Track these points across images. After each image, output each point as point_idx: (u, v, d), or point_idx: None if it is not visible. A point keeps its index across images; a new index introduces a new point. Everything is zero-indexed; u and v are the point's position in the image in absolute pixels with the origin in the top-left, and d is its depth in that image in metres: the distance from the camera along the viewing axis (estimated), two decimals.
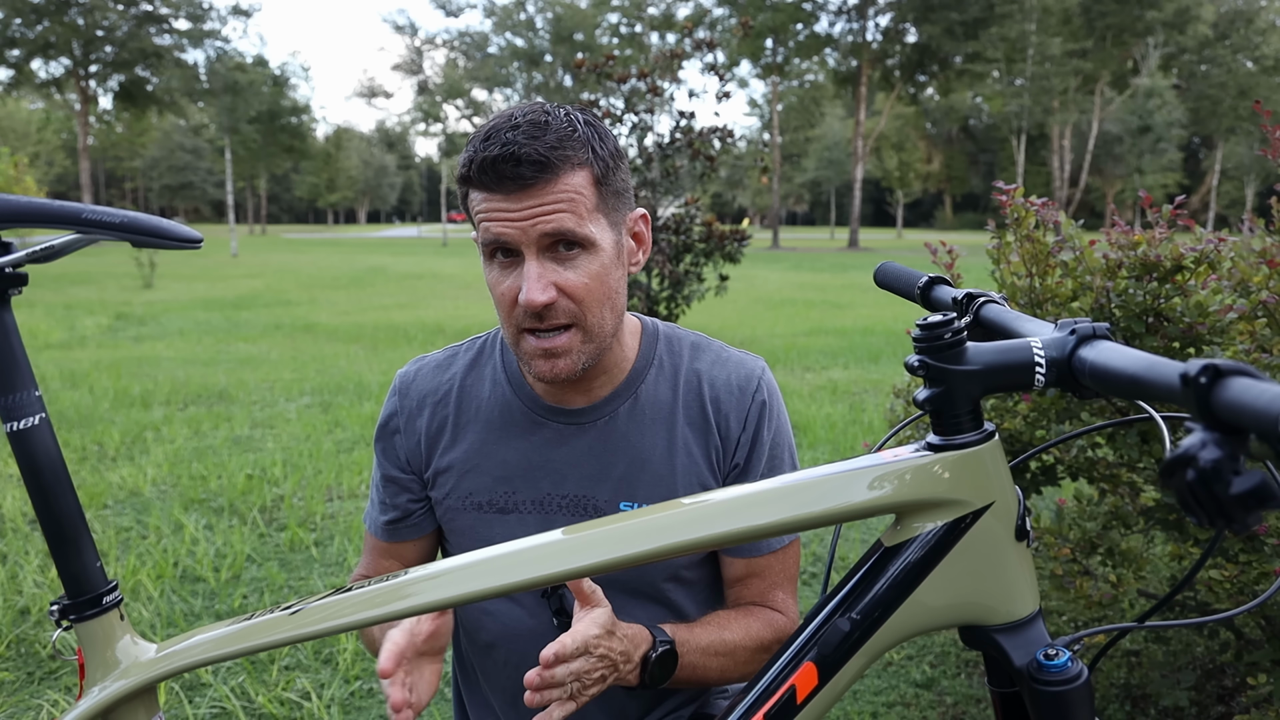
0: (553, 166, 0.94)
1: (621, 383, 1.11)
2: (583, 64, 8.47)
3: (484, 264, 1.01)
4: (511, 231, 0.95)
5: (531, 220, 0.94)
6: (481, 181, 0.95)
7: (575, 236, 0.96)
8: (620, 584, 1.12)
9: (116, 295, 13.45)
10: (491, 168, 0.93)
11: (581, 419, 1.10)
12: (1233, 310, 1.60)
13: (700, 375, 1.13)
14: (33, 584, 2.91)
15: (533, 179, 0.93)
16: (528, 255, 0.96)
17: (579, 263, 0.98)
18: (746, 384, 1.13)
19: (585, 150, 0.97)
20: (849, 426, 5.19)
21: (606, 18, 44.67)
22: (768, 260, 27.01)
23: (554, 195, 0.94)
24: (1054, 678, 0.69)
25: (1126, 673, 2.22)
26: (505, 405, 1.12)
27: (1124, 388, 0.59)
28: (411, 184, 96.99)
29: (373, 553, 1.21)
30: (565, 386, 1.09)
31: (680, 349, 1.15)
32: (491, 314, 11.20)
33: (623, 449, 1.10)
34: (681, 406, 1.12)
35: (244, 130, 42.34)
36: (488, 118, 1.04)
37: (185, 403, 5.83)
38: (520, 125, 0.95)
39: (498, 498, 1.11)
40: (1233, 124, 46.35)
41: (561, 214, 0.95)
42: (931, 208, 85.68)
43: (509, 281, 0.98)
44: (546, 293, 0.95)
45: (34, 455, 0.83)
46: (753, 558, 1.13)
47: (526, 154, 0.93)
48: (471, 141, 0.97)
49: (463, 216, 12.54)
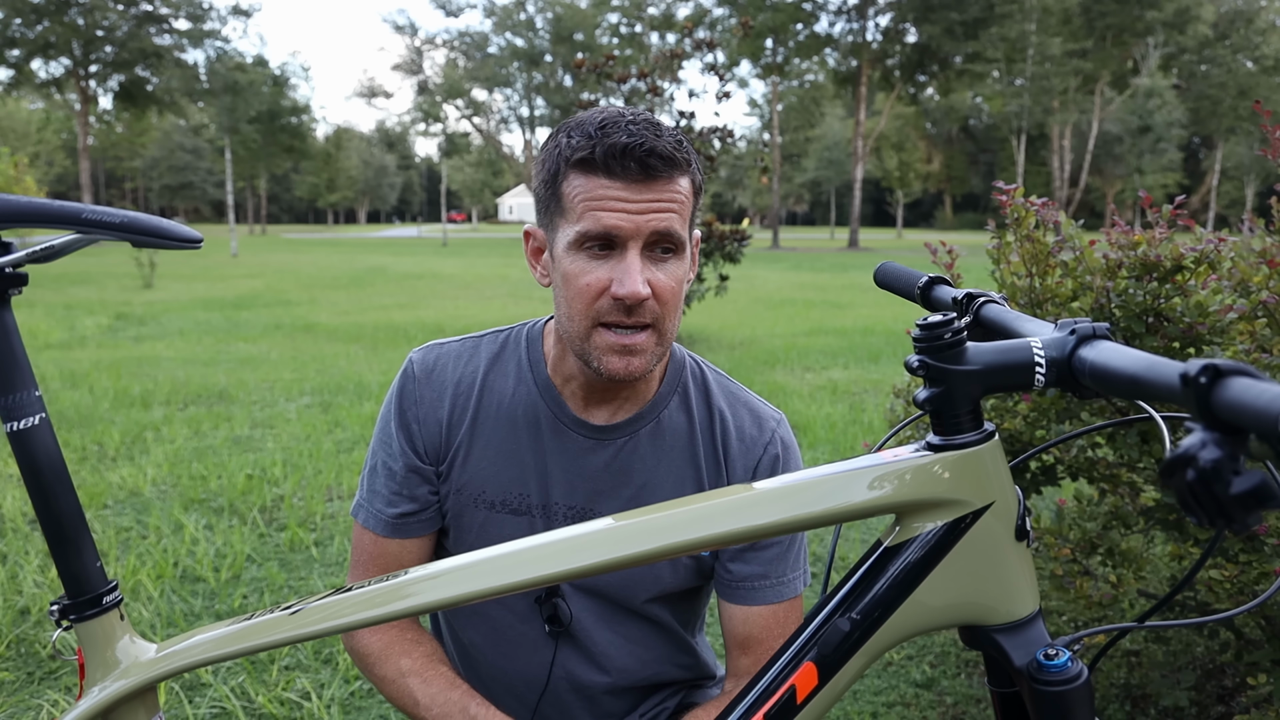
0: (677, 164, 0.95)
1: (646, 405, 1.10)
2: (583, 64, 8.47)
3: (564, 252, 0.98)
4: (625, 224, 0.93)
5: (646, 215, 0.94)
6: (607, 167, 0.93)
7: (676, 239, 0.96)
8: (608, 598, 1.13)
9: (116, 295, 13.45)
10: (622, 154, 0.92)
11: (603, 435, 1.09)
12: (1233, 310, 1.60)
13: (718, 415, 1.12)
14: (33, 584, 2.91)
15: (661, 172, 0.93)
16: (631, 248, 0.94)
17: (669, 266, 0.97)
18: (759, 435, 1.12)
19: (692, 159, 0.98)
20: (849, 426, 5.19)
21: (606, 18, 44.69)
22: (768, 260, 27.02)
23: (669, 194, 0.95)
24: (1054, 678, 0.69)
25: (1126, 673, 2.22)
26: (529, 407, 1.10)
27: (1124, 388, 0.59)
28: (411, 184, 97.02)
29: (366, 552, 1.13)
30: (595, 399, 1.08)
31: (704, 383, 1.14)
32: (492, 314, 11.23)
33: (638, 472, 1.10)
34: (700, 440, 1.11)
35: (244, 130, 42.39)
36: (487, 116, 1.04)
37: (185, 403, 5.83)
38: (638, 121, 0.95)
39: (511, 498, 1.10)
40: (1233, 124, 46.37)
41: (673, 214, 0.95)
42: (931, 208, 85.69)
43: (598, 272, 0.96)
44: (646, 287, 0.94)
45: (34, 455, 0.83)
46: (750, 606, 1.10)
47: (659, 147, 0.93)
48: (577, 128, 0.96)
49: (463, 216, 12.43)
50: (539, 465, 1.10)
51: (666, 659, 1.19)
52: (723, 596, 1.13)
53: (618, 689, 1.17)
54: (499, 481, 1.10)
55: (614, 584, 1.12)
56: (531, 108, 49.32)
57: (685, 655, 1.21)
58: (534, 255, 1.07)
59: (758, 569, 1.10)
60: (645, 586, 1.12)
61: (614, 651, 1.15)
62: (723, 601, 1.13)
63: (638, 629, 1.16)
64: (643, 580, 1.12)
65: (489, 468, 1.10)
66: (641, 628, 1.16)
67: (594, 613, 1.13)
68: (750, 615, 1.11)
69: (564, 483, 1.09)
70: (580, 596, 1.12)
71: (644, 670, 1.17)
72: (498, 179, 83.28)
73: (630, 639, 1.15)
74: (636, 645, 1.16)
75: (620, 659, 1.15)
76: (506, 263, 24.03)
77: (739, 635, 1.12)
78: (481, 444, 1.10)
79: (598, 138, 0.93)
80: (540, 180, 1.00)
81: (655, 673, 1.19)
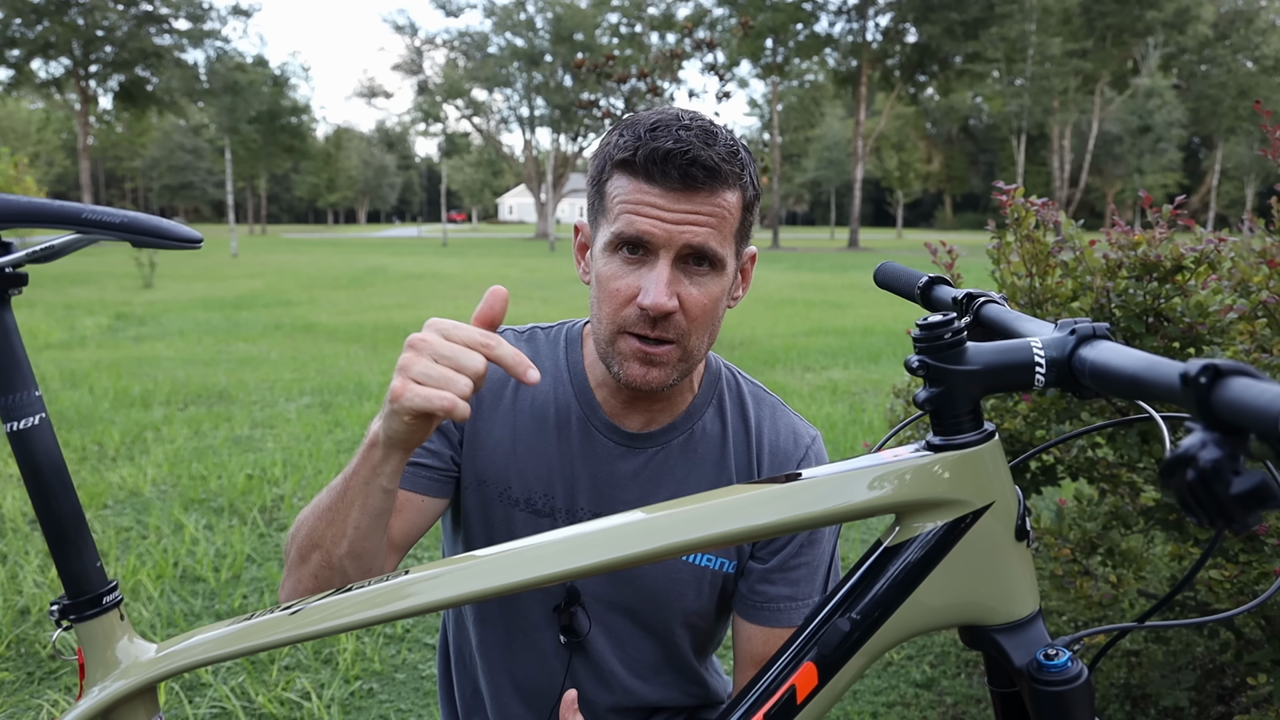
0: (721, 176, 0.92)
1: (680, 415, 1.08)
2: (583, 64, 8.48)
3: (601, 252, 0.97)
4: (657, 231, 0.92)
5: (681, 225, 0.92)
6: (647, 171, 0.91)
7: (712, 254, 0.94)
8: (632, 615, 1.11)
9: (116, 295, 13.44)
10: (664, 160, 0.90)
11: (636, 443, 1.07)
12: (1233, 310, 1.60)
13: (753, 427, 1.10)
14: (33, 584, 2.91)
15: (701, 183, 0.91)
16: (662, 258, 0.92)
17: (703, 281, 0.95)
18: (794, 451, 1.10)
19: (745, 172, 0.95)
20: (849, 426, 5.19)
21: (606, 18, 44.66)
22: (768, 260, 27.01)
23: (709, 207, 0.92)
24: (1054, 678, 0.69)
25: (1126, 673, 2.22)
26: (563, 407, 1.08)
27: (1124, 388, 0.59)
28: (411, 184, 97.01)
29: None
30: (630, 406, 1.07)
31: (740, 395, 1.13)
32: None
33: (668, 482, 1.08)
34: (734, 453, 1.09)
35: (244, 130, 42.39)
36: (487, 116, 1.03)
37: (185, 403, 5.83)
38: (691, 127, 0.92)
39: (535, 498, 1.08)
40: (1233, 124, 46.37)
41: (709, 229, 0.93)
42: (931, 208, 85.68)
43: (629, 278, 0.94)
44: (672, 300, 0.92)
45: (34, 455, 0.83)
46: (773, 629, 1.08)
47: (703, 157, 0.90)
48: (629, 127, 0.94)
49: (463, 216, 12.46)
50: (566, 468, 1.08)
51: (674, 685, 1.17)
52: (745, 617, 1.09)
53: (621, 708, 1.15)
54: (524, 479, 1.08)
55: (637, 600, 1.09)
56: (531, 108, 49.28)
57: (694, 685, 1.19)
58: (580, 251, 1.06)
59: (786, 590, 1.07)
60: (669, 606, 1.09)
61: (623, 672, 1.13)
62: (743, 621, 1.10)
63: (651, 652, 1.14)
64: (666, 599, 1.09)
65: (515, 462, 1.08)
66: (656, 651, 1.14)
67: (609, 630, 1.11)
68: (771, 636, 1.07)
69: (590, 488, 1.08)
70: (600, 610, 1.10)
71: (651, 694, 1.16)
72: (498, 179, 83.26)
73: (642, 662, 1.14)
74: (647, 669, 1.14)
75: (628, 679, 1.13)
76: (506, 263, 24.02)
77: (758, 655, 1.08)
78: (511, 435, 1.08)
79: (644, 139, 0.91)
80: (590, 177, 0.99)
81: (662, 698, 1.17)
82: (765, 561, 1.08)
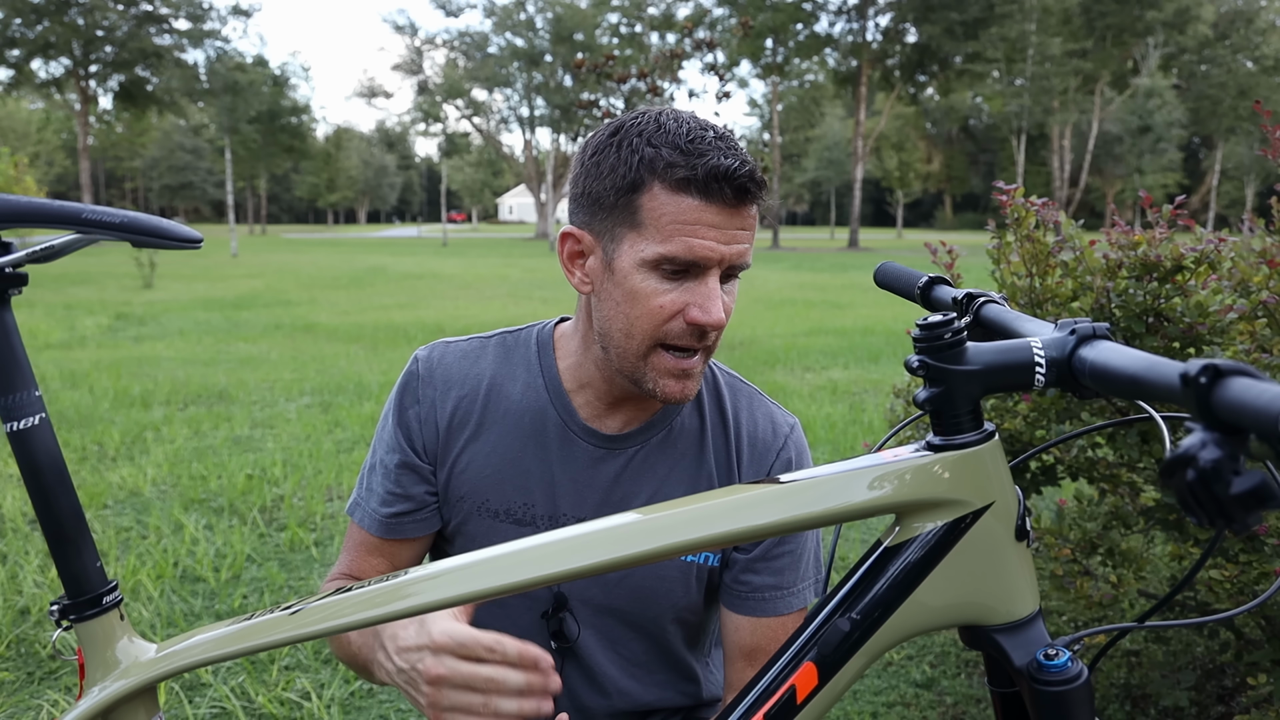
0: (763, 188, 0.92)
1: (658, 413, 1.08)
2: (583, 64, 8.48)
3: (635, 268, 0.92)
4: (712, 253, 0.90)
5: (731, 243, 0.91)
6: (705, 190, 0.88)
7: (746, 265, 0.94)
8: (622, 616, 1.10)
9: (116, 295, 13.44)
10: (725, 179, 0.87)
11: (615, 445, 1.07)
12: (1233, 310, 1.60)
13: (730, 418, 1.10)
14: (33, 584, 2.91)
15: (752, 197, 0.90)
16: (711, 274, 0.91)
17: (731, 289, 0.96)
18: (773, 440, 1.10)
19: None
20: (849, 426, 5.19)
21: (606, 18, 44.66)
22: (768, 260, 27.01)
23: (751, 220, 0.92)
24: (1054, 678, 0.69)
25: (1126, 673, 2.22)
26: (538, 414, 1.07)
27: (1124, 388, 0.58)
28: (411, 184, 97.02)
29: (358, 549, 1.11)
30: (614, 408, 1.06)
31: (717, 386, 1.12)
32: (492, 314, 11.22)
33: (648, 480, 1.07)
34: (713, 445, 1.09)
35: (244, 130, 42.39)
36: (487, 116, 1.02)
37: (185, 403, 5.83)
38: (724, 137, 0.91)
39: (515, 508, 1.07)
40: (1233, 124, 46.37)
41: (749, 243, 0.93)
42: (931, 208, 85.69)
43: (674, 294, 0.92)
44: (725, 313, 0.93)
45: (34, 455, 0.83)
46: (760, 618, 1.07)
47: (755, 171, 0.89)
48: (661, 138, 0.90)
49: (463, 217, 12.42)
50: (545, 475, 1.07)
51: (669, 684, 1.17)
52: (732, 609, 1.09)
53: (616, 712, 1.15)
54: (502, 491, 1.07)
55: (626, 601, 1.09)
56: (531, 108, 49.28)
57: (689, 683, 1.19)
58: (573, 258, 0.99)
59: (770, 579, 1.07)
60: (658, 604, 1.09)
61: (616, 673, 1.13)
62: (730, 613, 1.10)
63: (644, 652, 1.13)
64: (655, 597, 1.09)
65: (492, 475, 1.07)
66: (648, 651, 1.13)
67: (600, 632, 1.11)
68: (759, 626, 1.08)
69: (572, 493, 1.07)
70: (589, 614, 1.10)
71: (645, 695, 1.15)
72: (498, 179, 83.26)
73: (635, 662, 1.13)
74: (640, 669, 1.14)
75: (622, 681, 1.13)
76: (506, 263, 24.02)
77: (746, 646, 1.09)
78: (486, 450, 1.07)
79: (693, 154, 0.88)
80: (605, 185, 0.92)
81: (657, 698, 1.16)
82: (748, 552, 1.08)
